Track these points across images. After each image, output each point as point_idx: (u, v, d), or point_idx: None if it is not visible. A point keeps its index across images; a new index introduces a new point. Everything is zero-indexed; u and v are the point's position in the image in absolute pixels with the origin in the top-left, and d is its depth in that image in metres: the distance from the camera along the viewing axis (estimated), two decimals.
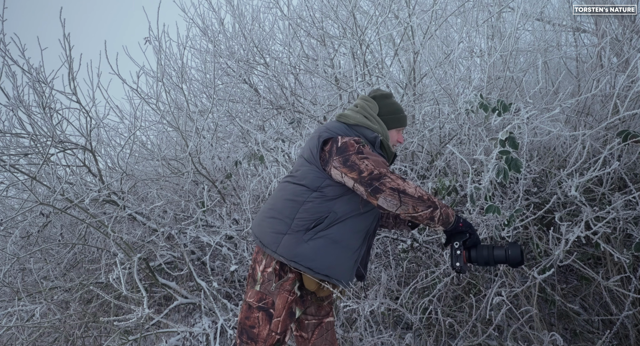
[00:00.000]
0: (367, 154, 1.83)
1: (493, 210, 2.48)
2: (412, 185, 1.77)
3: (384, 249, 3.27)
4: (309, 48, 4.41)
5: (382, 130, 2.05)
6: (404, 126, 2.14)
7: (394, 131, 2.13)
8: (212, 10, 4.47)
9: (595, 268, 2.92)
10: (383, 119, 2.08)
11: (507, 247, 1.87)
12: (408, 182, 1.77)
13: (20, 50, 3.26)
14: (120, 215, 3.51)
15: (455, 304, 3.03)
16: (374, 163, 1.80)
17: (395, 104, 2.13)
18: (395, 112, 2.11)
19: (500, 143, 2.47)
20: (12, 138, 3.53)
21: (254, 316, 1.91)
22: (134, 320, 2.68)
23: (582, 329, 2.84)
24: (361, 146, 1.86)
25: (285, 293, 1.92)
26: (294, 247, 1.85)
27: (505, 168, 2.45)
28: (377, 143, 1.99)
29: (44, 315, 3.45)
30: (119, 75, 3.68)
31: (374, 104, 2.07)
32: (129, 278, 3.31)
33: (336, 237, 1.88)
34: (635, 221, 2.71)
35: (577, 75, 3.80)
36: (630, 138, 2.60)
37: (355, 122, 2.02)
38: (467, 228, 1.89)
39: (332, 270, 1.87)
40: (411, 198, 1.74)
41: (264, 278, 1.93)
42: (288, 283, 1.92)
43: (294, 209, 1.89)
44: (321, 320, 2.14)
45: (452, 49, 3.74)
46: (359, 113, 2.06)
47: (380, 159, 1.84)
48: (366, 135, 1.99)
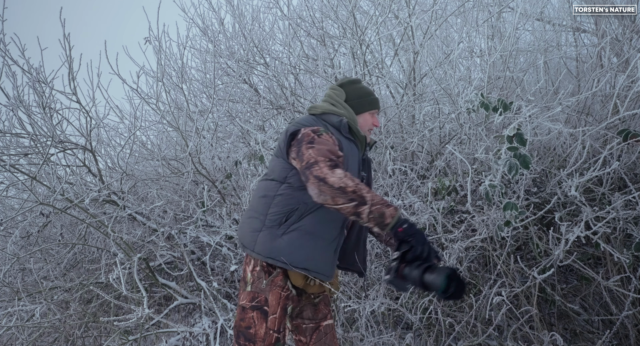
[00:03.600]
0: (317, 143, 1.79)
1: (510, 207, 2.47)
2: (338, 174, 1.65)
3: (384, 249, 3.27)
4: (309, 48, 4.40)
5: (348, 114, 2.02)
6: (376, 108, 2.10)
7: (367, 115, 2.08)
8: (212, 10, 4.47)
9: (595, 268, 2.92)
10: (352, 103, 2.05)
11: (437, 272, 1.55)
12: (335, 171, 1.66)
13: (20, 50, 3.26)
14: (120, 215, 3.51)
15: (455, 304, 3.03)
16: (317, 151, 1.75)
17: (363, 88, 2.10)
18: (364, 95, 2.09)
19: (507, 139, 2.47)
20: (12, 138, 3.53)
21: (249, 316, 1.87)
22: (134, 320, 2.68)
23: (582, 329, 2.84)
24: (316, 136, 1.83)
25: (278, 289, 1.88)
26: (269, 242, 1.84)
27: (516, 163, 2.44)
28: (344, 126, 1.96)
29: (44, 315, 3.45)
30: (119, 75, 3.68)
31: (340, 91, 2.07)
32: (129, 278, 3.31)
33: (310, 228, 1.85)
34: (635, 221, 2.71)
35: (577, 75, 3.80)
36: (631, 138, 2.60)
37: (322, 111, 2.02)
38: (408, 236, 1.63)
39: (309, 263, 1.84)
40: (330, 188, 1.63)
41: (254, 278, 1.91)
42: (279, 278, 1.89)
43: (267, 205, 1.88)
44: (319, 323, 2.08)
45: (452, 49, 3.74)
46: (326, 102, 2.07)
47: (328, 148, 1.77)
48: (332, 121, 1.97)
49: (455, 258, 2.73)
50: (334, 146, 1.82)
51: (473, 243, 2.75)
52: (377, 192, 3.26)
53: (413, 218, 2.94)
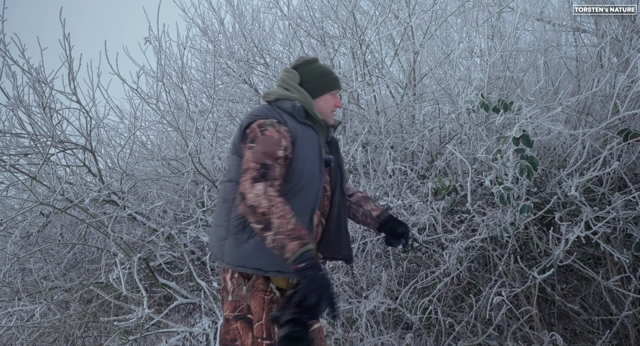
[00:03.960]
0: (257, 142, 1.68)
1: (527, 210, 2.47)
2: (256, 191, 1.55)
3: (384, 249, 3.27)
4: (309, 48, 4.40)
5: (303, 98, 1.87)
6: (336, 88, 1.95)
7: (327, 96, 1.93)
8: (212, 10, 4.47)
9: (595, 268, 2.92)
10: (308, 86, 1.89)
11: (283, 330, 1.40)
12: (255, 187, 1.56)
13: (20, 50, 3.26)
14: (120, 215, 3.51)
15: (455, 304, 3.03)
16: (252, 155, 1.66)
17: (320, 68, 1.94)
18: (322, 75, 1.93)
19: (514, 141, 2.46)
20: (12, 138, 3.53)
21: (233, 327, 1.74)
22: (134, 320, 2.68)
23: (582, 329, 2.84)
24: (259, 132, 1.71)
25: (260, 294, 1.76)
26: (235, 250, 1.73)
27: (528, 165, 2.43)
28: (298, 111, 1.82)
29: (44, 315, 3.45)
30: (119, 75, 3.68)
31: (294, 74, 1.90)
32: (129, 278, 3.31)
33: None
34: (635, 221, 2.71)
35: (577, 75, 3.80)
36: (631, 137, 2.60)
37: (275, 97, 1.88)
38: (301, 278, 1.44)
39: (281, 263, 1.65)
40: (244, 204, 1.56)
41: (234, 285, 1.79)
42: (259, 281, 1.77)
43: (228, 210, 1.77)
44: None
45: (452, 49, 3.74)
46: (279, 87, 1.92)
47: (265, 149, 1.66)
48: (285, 107, 1.84)
49: (455, 258, 2.73)
50: (274, 145, 1.69)
51: (473, 243, 2.75)
52: (377, 192, 3.26)
53: (413, 218, 2.94)
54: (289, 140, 1.74)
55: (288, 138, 1.74)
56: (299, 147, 1.76)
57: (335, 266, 3.02)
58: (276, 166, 1.66)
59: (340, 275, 2.89)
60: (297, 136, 1.77)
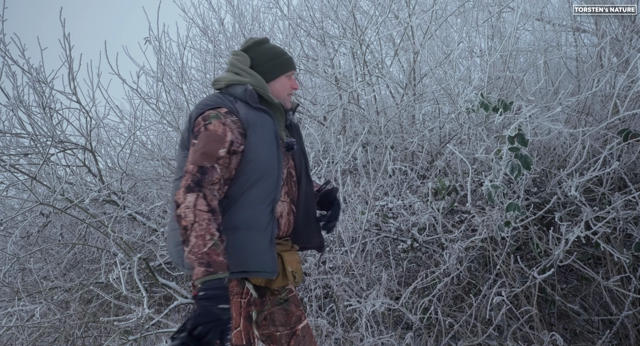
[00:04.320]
0: (199, 139, 1.58)
1: (513, 208, 2.46)
2: (187, 202, 1.47)
3: (384, 249, 3.27)
4: (309, 48, 4.40)
5: (256, 82, 1.74)
6: (291, 70, 1.83)
7: (283, 78, 1.81)
8: (212, 10, 4.47)
9: (595, 268, 2.92)
10: (261, 69, 1.77)
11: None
12: (186, 197, 1.48)
13: (20, 50, 3.26)
14: (120, 215, 3.51)
15: (455, 304, 3.03)
16: (192, 155, 1.56)
17: (272, 48, 1.81)
18: (275, 56, 1.80)
19: (509, 140, 2.46)
20: (12, 138, 3.53)
21: None
22: (134, 320, 2.68)
23: (582, 329, 2.84)
24: (203, 126, 1.60)
25: (236, 298, 1.65)
26: None
27: (518, 164, 2.43)
28: (250, 95, 1.69)
29: (44, 315, 3.45)
30: (119, 75, 3.68)
31: (243, 57, 1.77)
32: (129, 278, 3.31)
33: (234, 223, 1.60)
34: (635, 221, 2.71)
35: (577, 75, 3.80)
36: (631, 137, 2.60)
37: (226, 83, 1.75)
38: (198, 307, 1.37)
39: (248, 263, 1.59)
40: (175, 213, 1.50)
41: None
42: (233, 284, 1.64)
43: None
44: (294, 328, 1.81)
45: (452, 49, 3.74)
46: (229, 72, 1.78)
47: (205, 149, 1.55)
48: (237, 93, 1.71)
49: (455, 258, 2.73)
50: (216, 142, 1.57)
51: (473, 243, 2.75)
52: (377, 192, 3.26)
53: (413, 218, 2.94)
54: (236, 132, 1.61)
55: (236, 130, 1.61)
56: (252, 135, 1.64)
57: (335, 266, 3.02)
58: (216, 168, 1.55)
59: (340, 275, 2.89)
60: (249, 124, 1.64)
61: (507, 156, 2.47)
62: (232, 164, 1.61)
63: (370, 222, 3.10)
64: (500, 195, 2.52)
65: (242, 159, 1.63)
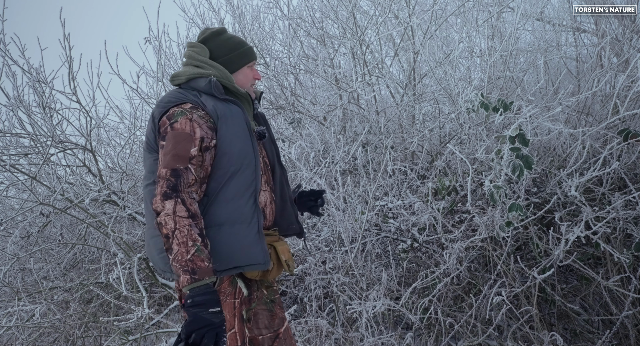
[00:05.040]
0: (167, 140, 1.53)
1: (516, 208, 2.46)
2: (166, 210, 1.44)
3: (384, 249, 3.27)
4: (309, 48, 4.41)
5: (219, 73, 1.69)
6: (253, 60, 1.79)
7: (245, 69, 1.77)
8: (212, 10, 4.47)
9: (595, 268, 2.92)
10: (222, 61, 1.72)
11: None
12: (164, 204, 1.45)
13: (20, 50, 3.26)
14: (120, 215, 3.51)
15: (455, 304, 3.03)
16: (163, 158, 1.52)
17: (231, 39, 1.76)
18: (235, 47, 1.75)
19: (510, 140, 2.46)
20: (12, 138, 3.53)
21: None
22: (134, 320, 2.68)
23: (582, 329, 2.84)
24: (169, 126, 1.55)
25: (229, 299, 1.61)
26: None
27: (520, 164, 2.42)
28: (215, 86, 1.63)
29: (44, 315, 3.45)
30: (119, 75, 3.68)
31: (201, 48, 1.71)
32: (129, 278, 3.31)
33: (217, 219, 1.56)
34: (635, 221, 2.71)
35: (577, 75, 3.80)
36: (631, 137, 2.60)
37: (187, 77, 1.68)
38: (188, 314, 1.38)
39: (238, 258, 1.56)
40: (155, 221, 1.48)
41: None
42: (225, 285, 1.61)
43: None
44: (277, 331, 1.77)
45: (452, 49, 3.74)
46: (188, 65, 1.71)
47: (176, 151, 1.51)
48: (200, 87, 1.65)
49: (455, 258, 2.73)
50: (185, 142, 1.52)
51: (473, 243, 2.75)
52: (377, 192, 3.26)
53: (413, 218, 2.94)
54: (205, 127, 1.57)
55: (204, 125, 1.57)
56: (223, 127, 1.60)
57: (335, 266, 3.02)
58: (189, 169, 1.51)
59: (340, 275, 2.89)
60: (219, 116, 1.60)
61: (508, 156, 2.47)
62: (205, 161, 1.58)
63: (370, 222, 3.10)
64: (503, 196, 2.52)
65: (216, 154, 1.59)
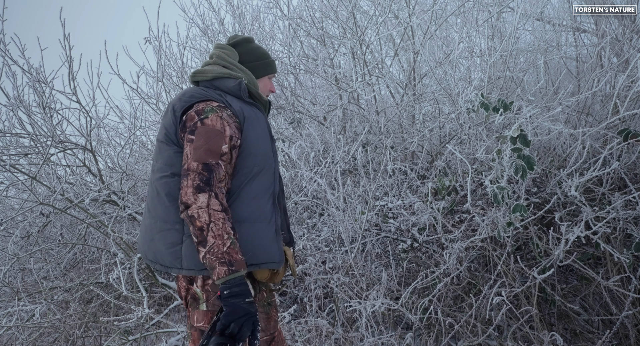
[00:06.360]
0: (197, 134, 1.53)
1: (519, 209, 2.46)
2: (199, 203, 1.45)
3: (384, 249, 3.27)
4: (309, 48, 4.41)
5: (248, 78, 1.74)
6: (274, 72, 1.85)
7: (265, 79, 1.82)
8: (212, 10, 4.47)
9: (595, 268, 2.92)
10: (251, 66, 1.77)
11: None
12: (197, 198, 1.46)
13: (20, 50, 3.26)
14: (120, 215, 3.51)
15: (455, 304, 3.03)
16: (193, 153, 1.51)
17: (259, 49, 1.82)
18: (262, 57, 1.80)
19: (511, 140, 2.46)
20: (12, 138, 3.53)
21: None
22: (134, 320, 2.68)
23: (582, 329, 2.84)
24: (199, 121, 1.55)
25: None
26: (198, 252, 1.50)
27: (523, 165, 2.43)
28: (244, 90, 1.67)
29: (44, 315, 3.45)
30: (119, 75, 3.68)
31: (231, 51, 1.75)
32: (129, 278, 3.31)
33: (239, 216, 1.57)
34: (635, 221, 2.71)
35: (577, 75, 3.80)
36: (631, 137, 2.60)
37: (214, 76, 1.69)
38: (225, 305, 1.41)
39: (256, 256, 1.57)
40: (185, 213, 1.48)
41: (208, 293, 1.58)
42: None
43: (178, 209, 1.55)
44: (273, 334, 1.77)
45: (452, 49, 3.74)
46: (216, 64, 1.73)
47: (207, 146, 1.51)
48: (228, 87, 1.67)
49: (455, 258, 2.73)
50: (217, 138, 1.53)
51: (473, 243, 2.75)
52: (377, 192, 3.26)
53: (413, 218, 2.94)
54: (234, 126, 1.59)
55: (233, 125, 1.59)
56: (249, 129, 1.62)
57: (335, 266, 3.02)
58: (220, 165, 1.53)
59: (340, 275, 2.89)
60: (245, 118, 1.62)
61: (510, 157, 2.47)
62: (233, 159, 1.60)
63: (370, 222, 3.10)
64: (505, 196, 2.52)
65: (240, 153, 1.61)
